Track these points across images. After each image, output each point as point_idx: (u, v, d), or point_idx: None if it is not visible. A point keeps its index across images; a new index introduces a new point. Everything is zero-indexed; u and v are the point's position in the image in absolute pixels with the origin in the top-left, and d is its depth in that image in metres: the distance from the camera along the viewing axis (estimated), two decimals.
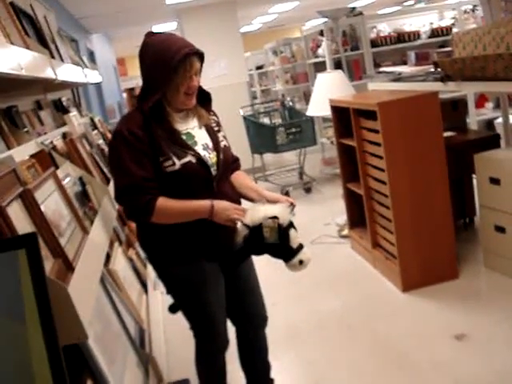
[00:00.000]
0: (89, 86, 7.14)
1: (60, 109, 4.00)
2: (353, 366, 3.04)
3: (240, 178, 2.45)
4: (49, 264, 1.59)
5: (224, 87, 8.41)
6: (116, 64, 15.49)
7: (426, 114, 3.63)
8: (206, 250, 2.28)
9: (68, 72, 3.42)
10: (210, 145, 2.29)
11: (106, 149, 3.81)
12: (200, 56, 2.20)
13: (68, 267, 1.67)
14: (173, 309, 2.49)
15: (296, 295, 3.91)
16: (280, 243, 2.13)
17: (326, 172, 7.67)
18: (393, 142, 3.61)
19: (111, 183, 3.09)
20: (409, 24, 7.83)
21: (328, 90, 5.15)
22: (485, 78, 3.19)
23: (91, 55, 8.83)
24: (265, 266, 2.74)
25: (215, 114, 2.45)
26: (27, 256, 1.36)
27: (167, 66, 2.09)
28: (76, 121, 3.69)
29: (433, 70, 3.90)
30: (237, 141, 8.09)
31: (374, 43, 7.52)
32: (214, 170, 2.24)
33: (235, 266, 2.43)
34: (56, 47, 3.59)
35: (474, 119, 6.82)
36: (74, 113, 3.87)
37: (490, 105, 7.10)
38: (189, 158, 2.17)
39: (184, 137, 2.24)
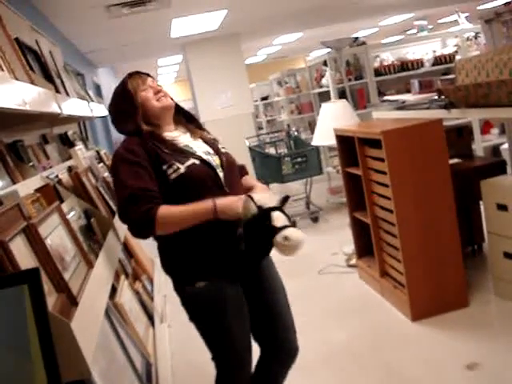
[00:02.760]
0: (95, 120, 7.19)
1: (66, 142, 4.02)
2: None
3: (246, 180, 2.47)
4: (52, 299, 1.58)
5: (230, 118, 8.47)
6: None
7: (431, 142, 3.63)
8: (228, 268, 2.22)
9: (73, 106, 3.44)
10: (211, 151, 2.32)
11: (111, 181, 3.82)
12: (142, 74, 2.37)
13: (72, 302, 1.66)
14: None
15: (304, 325, 3.86)
16: (259, 221, 2.03)
17: (332, 201, 7.65)
18: (398, 171, 3.60)
19: (116, 216, 3.08)
20: (412, 52, 7.89)
21: (333, 120, 5.17)
22: (489, 104, 3.20)
23: (97, 89, 8.91)
24: None
25: (209, 134, 2.49)
26: (29, 291, 1.35)
27: (123, 94, 2.30)
28: (82, 154, 3.70)
29: (437, 97, 3.91)
30: None
31: (377, 72, 7.57)
32: (220, 171, 2.24)
33: (251, 268, 2.33)
34: (61, 82, 3.62)
35: (480, 145, 6.82)
36: (79, 146, 3.89)
37: (495, 131, 7.10)
38: (192, 161, 2.19)
39: (184, 148, 2.27)
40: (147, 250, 5.07)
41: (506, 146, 5.32)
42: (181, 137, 2.33)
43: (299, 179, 7.19)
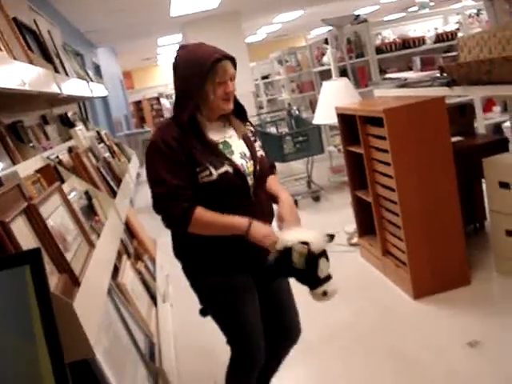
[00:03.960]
0: (95, 100, 7.17)
1: (66, 123, 4.00)
2: (366, 376, 3.00)
3: (270, 183, 2.42)
4: (54, 279, 1.58)
5: None
6: (122, 77, 15.57)
7: (433, 120, 3.61)
8: (240, 261, 2.25)
9: (73, 86, 3.43)
10: (248, 154, 2.28)
11: (113, 162, 3.81)
12: (232, 61, 2.19)
13: (74, 282, 1.66)
14: (204, 312, 2.43)
15: (306, 305, 3.87)
16: (307, 270, 2.08)
17: (334, 180, 7.64)
18: (400, 149, 3.58)
19: (118, 196, 3.08)
20: (413, 30, 7.82)
21: (334, 98, 5.14)
22: (491, 81, 3.17)
23: (97, 69, 8.87)
24: None
25: (251, 125, 2.45)
26: (31, 272, 1.35)
27: (199, 73, 2.10)
28: (82, 135, 3.69)
29: (439, 75, 3.87)
30: None
31: (379, 50, 7.51)
32: (250, 179, 2.22)
33: (266, 284, 2.39)
34: (60, 62, 3.60)
35: (482, 123, 6.78)
36: (80, 127, 3.87)
37: (497, 108, 7.06)
38: (226, 168, 2.16)
39: (221, 146, 2.23)
40: (149, 230, 5.08)
41: (508, 123, 5.30)
42: (222, 131, 2.28)
43: (300, 158, 7.17)
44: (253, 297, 2.33)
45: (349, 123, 4.32)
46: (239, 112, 2.34)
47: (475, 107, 6.56)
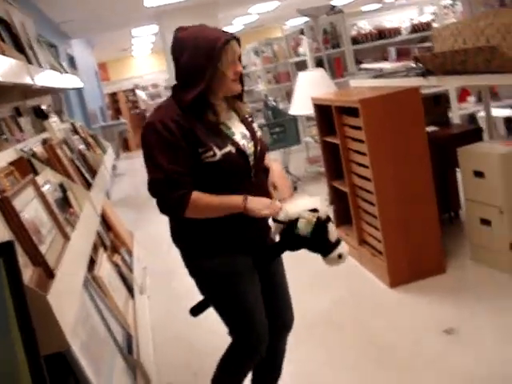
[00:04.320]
0: (70, 92, 7.09)
1: (40, 115, 3.96)
2: (344, 363, 3.02)
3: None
4: (28, 272, 1.56)
5: None
6: (97, 69, 15.42)
7: (409, 110, 3.63)
8: (241, 243, 2.23)
9: (46, 78, 3.38)
10: (248, 134, 2.25)
11: (88, 154, 3.78)
12: (238, 41, 2.16)
13: (48, 275, 1.64)
14: (194, 311, 2.38)
15: None
16: (315, 236, 2.07)
17: (310, 171, 7.66)
18: (376, 139, 3.60)
19: (93, 188, 3.06)
20: (389, 20, 7.85)
21: (310, 89, 5.15)
22: (466, 71, 3.20)
23: (71, 61, 8.77)
24: None
25: (248, 107, 2.40)
26: (4, 265, 1.33)
27: (211, 54, 2.05)
28: (56, 127, 3.65)
29: (414, 65, 3.90)
30: None
31: (354, 40, 7.54)
32: (251, 160, 2.21)
33: (268, 263, 2.36)
34: (34, 53, 3.55)
35: (457, 113, 6.84)
36: (54, 119, 3.83)
37: (472, 99, 7.12)
38: (229, 148, 2.13)
39: (222, 127, 2.19)
40: (126, 222, 5.06)
41: (482, 113, 5.35)
42: (225, 112, 2.24)
43: (277, 149, 7.18)
44: (255, 279, 2.30)
45: (325, 114, 4.34)
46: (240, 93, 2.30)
47: (450, 97, 6.61)
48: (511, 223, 3.49)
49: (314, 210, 2.08)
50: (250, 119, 2.34)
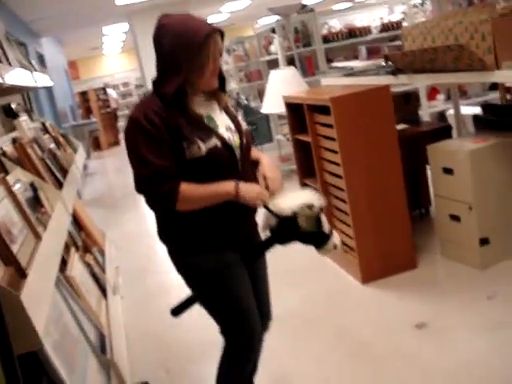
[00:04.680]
0: (40, 91, 7.01)
1: (9, 114, 3.90)
2: (316, 359, 3.05)
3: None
4: (0, 272, 1.55)
5: None
6: (67, 67, 15.26)
7: (379, 108, 3.67)
8: (231, 238, 2.18)
9: (16, 76, 3.34)
10: (233, 127, 2.19)
11: (58, 153, 3.75)
12: (221, 35, 2.08)
13: (21, 275, 1.63)
14: (176, 311, 2.30)
15: None
16: (314, 230, 2.07)
17: (282, 169, 7.68)
18: (347, 137, 3.63)
19: (64, 187, 3.03)
20: (359, 19, 7.92)
21: (282, 87, 5.17)
22: (435, 70, 3.25)
23: (41, 59, 8.67)
24: None
25: (229, 95, 2.35)
26: None
27: (191, 46, 1.99)
28: (26, 126, 3.61)
29: (384, 63, 3.94)
30: None
31: (325, 39, 7.59)
32: (238, 153, 2.16)
33: (257, 258, 2.32)
34: (3, 51, 3.51)
35: (426, 111, 6.93)
36: (24, 117, 3.79)
37: (441, 97, 7.22)
38: (214, 142, 2.07)
39: (206, 120, 2.13)
40: (98, 222, 5.02)
41: (451, 111, 5.42)
42: (206, 105, 2.18)
43: None
44: (246, 275, 2.25)
45: (297, 112, 4.36)
46: (222, 84, 2.22)
47: (420, 95, 6.69)
48: (480, 219, 3.55)
49: (309, 206, 2.06)
50: (233, 112, 2.28)
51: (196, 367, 3.17)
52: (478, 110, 4.71)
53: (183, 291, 2.31)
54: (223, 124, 2.17)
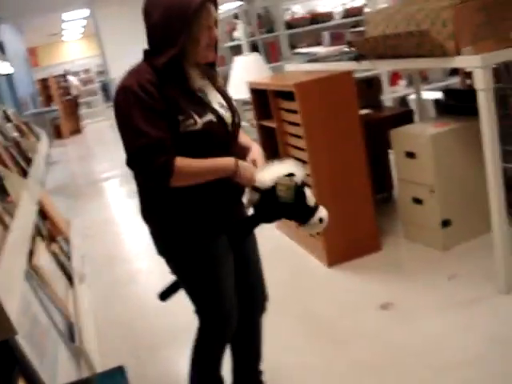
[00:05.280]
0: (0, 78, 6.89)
1: None
2: (282, 340, 3.09)
3: (240, 135, 2.29)
4: None
5: None
6: (27, 55, 14.97)
7: (343, 93, 3.71)
8: (218, 218, 2.11)
9: None
10: (225, 104, 2.13)
11: (22, 141, 3.71)
12: (215, 3, 2.00)
13: None
14: (163, 295, 2.26)
15: None
16: (297, 202, 2.00)
17: None
18: (311, 122, 3.67)
19: (29, 176, 3.01)
20: (322, 5, 7.94)
21: (246, 73, 5.17)
22: (397, 55, 3.30)
23: (0, 46, 8.49)
24: None
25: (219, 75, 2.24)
26: None
27: (184, 16, 1.90)
28: None
29: (347, 49, 3.98)
30: None
31: (289, 25, 7.60)
32: (230, 130, 2.11)
33: (243, 239, 2.27)
34: None
35: (389, 96, 7.01)
36: None
37: (403, 82, 7.31)
38: (210, 117, 2.00)
39: (200, 95, 2.06)
40: (62, 210, 4.98)
41: (413, 96, 5.51)
42: (200, 80, 2.09)
43: None
44: (230, 259, 2.22)
45: (261, 98, 4.37)
46: (212, 62, 2.13)
47: (382, 81, 6.77)
48: (442, 202, 3.64)
49: (290, 175, 2.01)
50: (225, 90, 2.22)
51: (166, 353, 3.19)
52: (438, 95, 4.79)
53: (151, 278, 2.32)
54: (216, 100, 2.11)
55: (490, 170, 2.92)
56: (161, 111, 1.91)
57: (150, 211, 2.15)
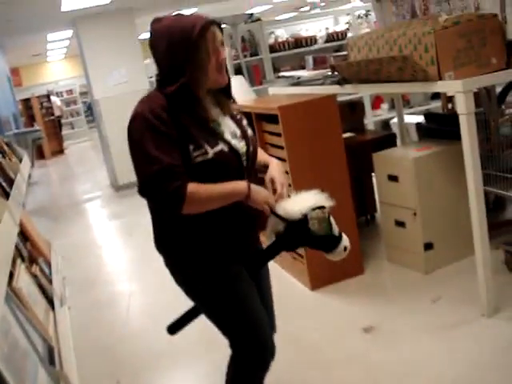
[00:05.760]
0: None
1: None
2: None
3: (258, 154, 2.25)
4: None
5: (125, 95, 8.30)
6: (10, 74, 14.93)
7: (326, 117, 3.73)
8: (238, 247, 2.08)
9: None
10: (238, 133, 2.08)
11: (4, 162, 3.67)
12: (219, 26, 1.99)
13: None
14: (173, 329, 2.19)
15: None
16: (326, 234, 1.99)
17: None
18: (295, 145, 3.68)
19: (11, 198, 2.98)
20: (305, 29, 8.03)
21: None
22: (380, 80, 3.33)
23: None
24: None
25: (235, 101, 2.20)
26: None
27: (187, 44, 1.89)
28: None
29: (330, 73, 4.02)
30: None
31: (272, 48, 7.67)
32: (244, 160, 2.05)
33: (260, 267, 2.22)
34: None
35: (371, 120, 7.08)
36: None
37: (385, 106, 7.39)
38: (221, 146, 1.96)
39: (212, 124, 2.01)
40: (42, 232, 4.93)
41: (395, 120, 5.56)
42: (212, 108, 2.06)
43: None
44: (252, 284, 2.13)
45: None
46: (225, 88, 2.09)
47: (365, 104, 6.84)
48: (424, 224, 3.65)
49: (321, 207, 2.00)
50: (238, 116, 2.16)
51: (147, 377, 3.15)
52: (420, 119, 4.84)
53: (132, 301, 2.28)
54: (228, 129, 2.06)
55: (472, 193, 2.95)
56: (173, 138, 1.88)
57: (165, 240, 2.09)
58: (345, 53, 4.66)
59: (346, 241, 2.08)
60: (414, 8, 3.80)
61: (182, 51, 1.90)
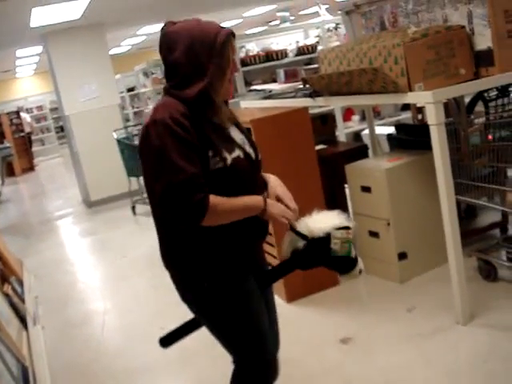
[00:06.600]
0: None
1: None
2: None
3: None
4: None
5: (96, 110, 8.26)
6: None
7: (298, 129, 3.76)
8: (249, 261, 2.05)
9: None
10: (246, 141, 2.06)
11: None
12: (234, 37, 1.97)
13: None
14: (166, 342, 2.13)
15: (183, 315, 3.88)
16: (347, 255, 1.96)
17: None
18: (267, 158, 3.63)
19: None
20: (276, 43, 8.07)
21: None
22: (351, 92, 3.36)
23: None
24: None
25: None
26: None
27: (211, 47, 1.86)
28: None
29: (302, 86, 4.04)
30: (112, 164, 7.90)
31: (243, 62, 7.68)
32: (255, 166, 2.05)
33: (271, 283, 2.18)
34: None
35: (343, 132, 7.13)
36: None
37: (356, 117, 7.45)
38: (237, 153, 1.93)
39: (228, 130, 2.00)
40: (13, 250, 4.85)
41: (366, 131, 5.62)
42: (226, 116, 2.03)
43: None
44: (262, 300, 2.11)
45: None
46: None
47: (336, 117, 6.89)
48: (398, 234, 3.69)
49: (345, 228, 1.98)
50: (242, 125, 2.16)
51: None
52: (391, 130, 4.90)
53: (106, 319, 2.24)
54: (238, 137, 2.04)
55: (444, 202, 2.98)
56: (195, 145, 1.83)
57: (177, 255, 2.01)
58: (316, 66, 4.70)
59: (361, 263, 2.08)
60: (382, 20, 3.84)
61: (204, 53, 1.87)
